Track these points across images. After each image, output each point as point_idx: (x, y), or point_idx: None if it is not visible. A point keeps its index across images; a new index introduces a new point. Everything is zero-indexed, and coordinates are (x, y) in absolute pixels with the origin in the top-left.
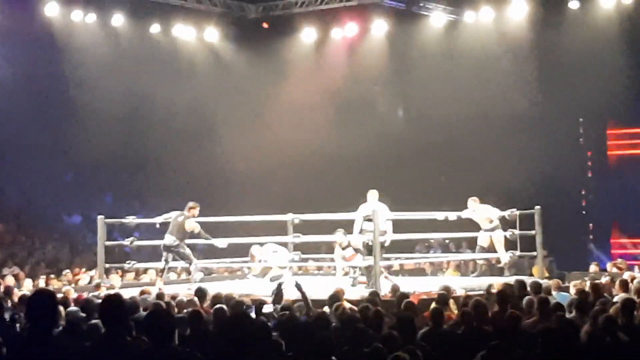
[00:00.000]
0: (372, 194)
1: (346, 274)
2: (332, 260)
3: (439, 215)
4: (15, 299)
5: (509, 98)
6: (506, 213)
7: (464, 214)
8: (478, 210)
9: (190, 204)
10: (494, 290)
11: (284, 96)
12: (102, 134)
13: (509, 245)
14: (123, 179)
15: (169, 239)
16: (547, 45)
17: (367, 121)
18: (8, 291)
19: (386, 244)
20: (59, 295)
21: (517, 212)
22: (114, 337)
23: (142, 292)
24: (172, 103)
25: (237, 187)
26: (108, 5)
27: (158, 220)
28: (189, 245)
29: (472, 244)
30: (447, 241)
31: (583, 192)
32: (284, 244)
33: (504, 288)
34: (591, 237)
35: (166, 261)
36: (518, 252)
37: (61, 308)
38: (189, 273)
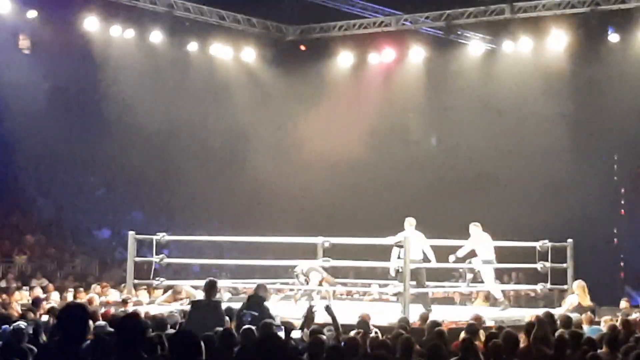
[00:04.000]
0: (408, 222)
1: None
2: (362, 285)
3: (451, 258)
4: (42, 310)
5: (544, 131)
6: (538, 244)
7: (467, 247)
8: (480, 238)
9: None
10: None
11: (319, 119)
12: (135, 150)
13: (541, 277)
14: (153, 196)
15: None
16: (585, 79)
17: (400, 148)
18: (36, 302)
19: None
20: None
21: (549, 244)
22: (128, 355)
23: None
24: (206, 122)
25: (268, 208)
26: (147, 21)
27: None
28: None
29: (500, 275)
30: (476, 271)
31: (615, 230)
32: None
33: (534, 321)
34: (622, 274)
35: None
36: (549, 285)
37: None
38: None
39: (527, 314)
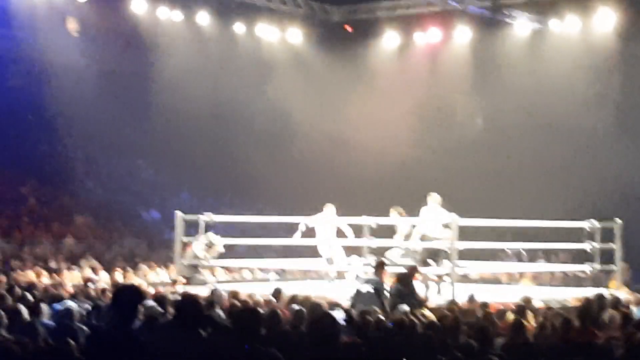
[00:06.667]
0: (433, 199)
1: None
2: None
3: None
4: (93, 291)
5: (592, 110)
6: (586, 224)
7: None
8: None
9: None
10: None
11: (364, 100)
12: (182, 133)
13: (587, 257)
14: (200, 178)
15: None
16: (633, 58)
17: (446, 128)
18: (88, 283)
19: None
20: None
21: (598, 224)
22: (188, 333)
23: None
24: (252, 103)
25: (313, 188)
26: (194, 3)
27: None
28: None
29: (547, 255)
30: (522, 251)
31: None
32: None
33: (584, 303)
34: None
35: None
36: (597, 266)
37: None
38: None
39: (576, 295)
